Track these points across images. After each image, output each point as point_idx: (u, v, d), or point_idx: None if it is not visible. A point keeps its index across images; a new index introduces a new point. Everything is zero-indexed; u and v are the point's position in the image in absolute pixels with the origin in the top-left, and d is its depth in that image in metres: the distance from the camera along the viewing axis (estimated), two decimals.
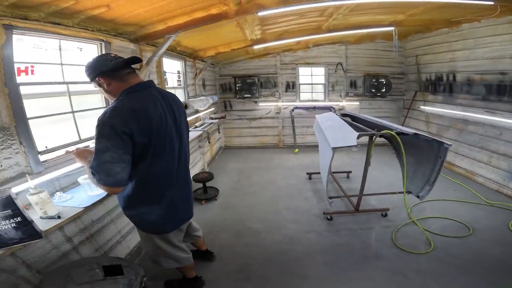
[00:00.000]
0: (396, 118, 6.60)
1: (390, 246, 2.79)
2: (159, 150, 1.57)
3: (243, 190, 4.45)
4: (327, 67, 6.56)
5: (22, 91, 1.77)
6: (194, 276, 2.28)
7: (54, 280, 1.52)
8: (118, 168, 1.37)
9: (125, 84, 1.50)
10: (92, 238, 2.29)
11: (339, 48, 6.40)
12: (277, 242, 2.98)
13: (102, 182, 1.38)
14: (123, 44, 2.81)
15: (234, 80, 6.75)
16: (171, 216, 1.81)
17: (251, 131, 7.13)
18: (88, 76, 1.50)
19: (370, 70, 6.48)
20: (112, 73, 1.47)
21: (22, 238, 1.40)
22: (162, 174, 1.65)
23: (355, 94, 6.66)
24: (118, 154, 1.36)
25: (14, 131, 1.72)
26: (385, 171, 4.90)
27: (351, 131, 2.96)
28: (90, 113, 2.51)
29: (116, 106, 1.41)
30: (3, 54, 1.59)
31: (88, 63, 1.50)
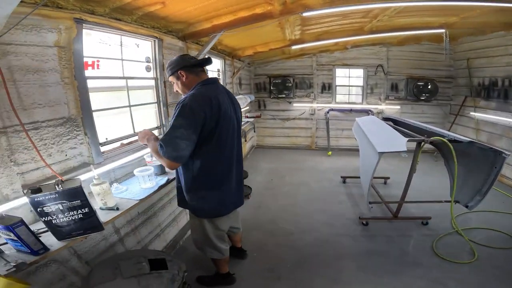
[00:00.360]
0: (441, 124, 6.17)
1: (430, 255, 2.69)
2: (223, 137, 1.77)
3: (275, 190, 4.47)
4: (366, 69, 6.35)
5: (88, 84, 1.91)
6: (227, 271, 2.34)
7: (103, 272, 1.58)
8: (183, 145, 1.56)
9: (199, 79, 1.79)
10: (136, 230, 2.42)
11: (380, 50, 6.17)
12: (309, 244, 2.96)
13: (167, 155, 1.56)
14: (172, 41, 2.96)
15: (269, 80, 6.78)
16: (228, 200, 1.97)
17: (284, 132, 7.11)
18: (171, 69, 1.78)
19: (414, 73, 6.15)
20: (191, 68, 1.77)
21: (86, 230, 1.44)
22: (225, 160, 1.84)
23: (396, 98, 6.37)
24: (187, 132, 1.56)
25: (80, 122, 1.85)
26: (425, 179, 4.64)
27: (398, 136, 2.88)
28: (141, 107, 2.67)
29: (195, 93, 1.67)
30: (74, 48, 1.74)
31: (172, 59, 1.81)
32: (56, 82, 1.67)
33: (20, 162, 1.52)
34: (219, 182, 1.88)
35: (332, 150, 6.63)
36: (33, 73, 1.54)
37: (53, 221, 1.35)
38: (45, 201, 1.29)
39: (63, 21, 1.67)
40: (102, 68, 2.10)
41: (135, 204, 1.82)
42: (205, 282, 2.37)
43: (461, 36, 5.38)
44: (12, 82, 1.45)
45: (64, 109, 1.74)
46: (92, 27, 1.94)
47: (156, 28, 2.64)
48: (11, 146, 1.48)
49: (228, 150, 1.85)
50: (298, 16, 3.36)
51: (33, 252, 1.28)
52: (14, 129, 1.48)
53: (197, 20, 2.88)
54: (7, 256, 1.26)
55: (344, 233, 3.14)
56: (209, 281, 2.36)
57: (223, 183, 1.89)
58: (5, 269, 1.18)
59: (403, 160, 5.26)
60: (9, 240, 1.28)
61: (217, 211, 1.97)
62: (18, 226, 1.21)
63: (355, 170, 5.06)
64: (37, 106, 1.57)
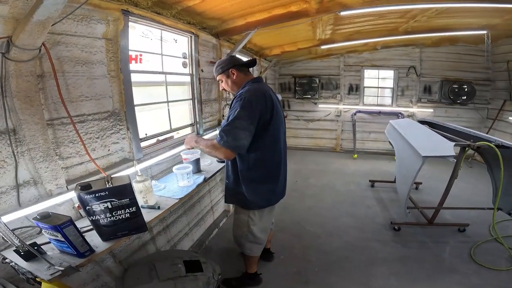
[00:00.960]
0: (476, 128, 5.74)
1: (467, 262, 2.59)
2: (276, 130, 1.83)
3: (300, 192, 4.37)
4: (397, 70, 6.11)
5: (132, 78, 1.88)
6: (255, 271, 2.32)
7: (139, 273, 1.54)
8: (243, 135, 1.62)
9: (247, 77, 1.89)
10: (167, 229, 2.38)
11: (412, 51, 5.91)
12: (338, 248, 2.88)
13: (227, 144, 1.62)
14: (207, 38, 2.92)
15: (294, 80, 6.66)
16: (276, 191, 2.00)
17: (308, 133, 6.97)
18: (221, 68, 1.87)
19: (449, 75, 5.85)
20: (241, 67, 1.88)
21: (131, 230, 1.39)
22: (278, 152, 1.90)
23: (429, 100, 6.07)
24: (247, 124, 1.63)
25: (123, 117, 1.83)
26: (459, 185, 4.40)
27: (443, 140, 2.75)
28: (173, 104, 2.63)
29: (250, 89, 1.75)
30: (120, 41, 1.71)
31: (223, 59, 1.93)
32: (102, 75, 1.64)
33: (65, 156, 1.50)
34: (272, 174, 1.93)
35: (357, 153, 6.43)
36: (82, 64, 1.52)
37: (100, 221, 1.28)
38: (94, 199, 1.22)
39: (111, 12, 1.64)
40: (144, 62, 2.07)
41: (175, 203, 1.77)
42: (232, 285, 2.32)
43: (500, 37, 5.07)
44: (61, 73, 1.43)
45: (109, 102, 1.71)
46: (136, 19, 1.92)
47: (191, 24, 2.61)
48: (57, 139, 1.46)
49: (281, 143, 1.92)
50: (333, 15, 3.26)
51: (79, 254, 1.21)
52: (61, 121, 1.46)
53: (231, 17, 2.84)
54: (50, 258, 1.19)
55: (375, 238, 3.04)
56: (236, 283, 2.33)
57: (275, 174, 1.94)
58: (49, 272, 1.11)
59: (434, 165, 5.08)
60: (53, 240, 1.21)
61: (267, 202, 2.00)
62: (66, 226, 1.14)
63: (382, 174, 4.94)
64: (84, 99, 1.55)
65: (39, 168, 1.33)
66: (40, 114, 1.31)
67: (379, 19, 3.87)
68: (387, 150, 6.18)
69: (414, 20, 3.86)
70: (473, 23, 4.15)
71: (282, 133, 1.94)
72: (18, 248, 1.10)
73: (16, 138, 1.26)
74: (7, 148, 1.23)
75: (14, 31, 1.16)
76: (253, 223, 2.02)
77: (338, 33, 4.48)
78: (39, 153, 1.32)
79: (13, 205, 1.28)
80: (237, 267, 2.51)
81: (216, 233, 3.15)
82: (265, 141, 1.77)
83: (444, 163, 4.40)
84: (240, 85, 1.86)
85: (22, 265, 1.13)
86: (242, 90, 1.79)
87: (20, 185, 1.30)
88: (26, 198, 1.33)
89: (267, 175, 1.91)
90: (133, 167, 1.76)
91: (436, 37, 5.13)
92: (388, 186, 4.44)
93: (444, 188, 3.04)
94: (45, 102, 1.37)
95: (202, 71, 2.91)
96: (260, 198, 1.94)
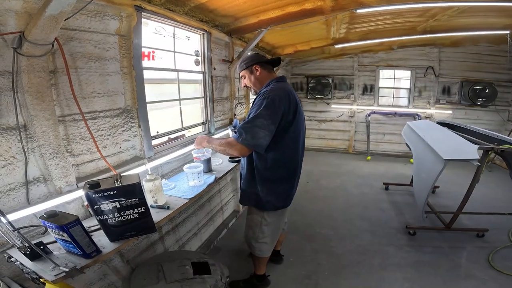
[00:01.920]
0: (497, 131, 5.50)
1: (485, 267, 2.53)
2: (297, 130, 1.79)
3: (311, 194, 4.29)
4: (414, 71, 5.92)
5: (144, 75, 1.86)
6: (264, 273, 2.29)
7: (146, 274, 1.52)
8: (262, 134, 1.58)
9: (270, 76, 1.85)
10: (176, 229, 2.36)
11: (430, 51, 5.71)
12: (349, 251, 2.81)
13: (245, 142, 1.58)
14: (219, 35, 2.89)
15: (307, 80, 6.57)
16: (292, 192, 1.97)
17: (320, 134, 6.87)
18: (246, 63, 1.85)
19: (470, 76, 5.64)
20: (265, 64, 1.85)
21: (139, 231, 1.35)
22: (297, 153, 1.87)
23: (448, 102, 5.87)
24: (267, 123, 1.58)
25: (135, 114, 1.81)
26: (480, 189, 4.23)
27: (466, 143, 2.66)
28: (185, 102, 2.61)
29: (274, 88, 1.71)
30: (133, 37, 1.69)
31: (248, 55, 1.91)
32: (115, 71, 1.63)
33: (76, 153, 1.49)
34: (290, 175, 1.89)
35: (371, 155, 6.28)
36: (95, 61, 1.50)
37: (108, 221, 1.25)
38: (103, 198, 1.19)
39: (124, 8, 1.62)
40: (156, 59, 2.04)
41: (185, 203, 1.74)
42: (240, 287, 2.30)
43: None
44: (74, 69, 1.42)
45: (121, 99, 1.69)
46: (149, 16, 1.90)
47: (204, 22, 2.59)
48: (68, 136, 1.44)
49: (300, 143, 1.88)
50: (348, 13, 3.17)
51: (85, 255, 1.18)
52: (73, 118, 1.44)
53: (243, 14, 2.79)
54: (56, 258, 1.16)
55: (388, 242, 2.95)
56: (245, 285, 2.30)
57: (292, 175, 1.91)
58: (53, 273, 1.08)
59: (452, 169, 4.87)
60: (60, 240, 1.18)
61: (282, 203, 1.96)
62: (73, 226, 1.11)
63: (397, 177, 4.81)
64: (96, 95, 1.53)
65: (49, 165, 1.31)
66: (52, 110, 1.30)
67: (396, 17, 3.74)
68: (402, 152, 6.05)
69: (434, 19, 3.72)
70: (495, 23, 3.98)
71: (303, 134, 1.92)
72: (20, 248, 1.08)
73: (26, 134, 1.25)
74: (17, 144, 1.22)
75: (26, 26, 1.14)
76: (266, 224, 1.99)
77: (353, 32, 4.37)
78: (50, 150, 1.31)
79: (22, 202, 1.26)
80: (246, 268, 2.48)
81: (225, 234, 3.12)
82: (285, 142, 1.74)
83: (462, 167, 4.22)
84: (263, 82, 1.84)
85: (27, 264, 1.11)
86: (265, 88, 1.76)
87: (29, 182, 1.28)
88: (35, 196, 1.32)
89: (285, 175, 1.88)
90: (143, 165, 1.74)
91: (455, 37, 4.95)
92: (403, 189, 4.32)
93: (461, 192, 2.96)
94: (57, 98, 1.36)
95: (215, 69, 2.88)
96: (275, 199, 1.91)
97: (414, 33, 4.46)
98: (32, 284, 1.18)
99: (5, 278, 1.18)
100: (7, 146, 1.19)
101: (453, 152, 2.49)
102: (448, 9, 3.28)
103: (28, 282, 1.18)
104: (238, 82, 3.57)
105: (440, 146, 2.65)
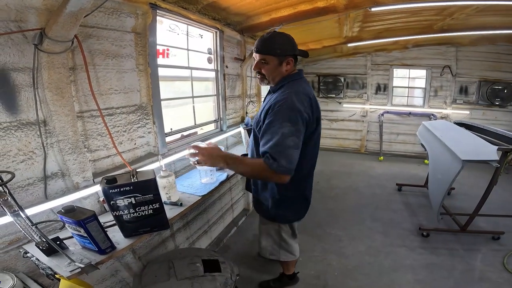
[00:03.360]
0: None
1: (499, 270, 2.48)
2: (318, 140, 1.61)
3: (322, 193, 4.24)
4: (430, 70, 5.78)
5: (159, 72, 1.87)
6: (293, 272, 2.26)
7: (157, 270, 1.52)
8: (296, 155, 1.34)
9: (294, 70, 1.56)
10: (187, 226, 2.37)
11: (447, 50, 5.55)
12: (359, 252, 2.78)
13: (281, 169, 1.30)
14: (232, 34, 2.89)
15: (318, 79, 6.49)
16: (307, 206, 1.81)
17: (331, 133, 6.78)
18: (280, 50, 1.45)
19: (488, 76, 5.46)
20: (296, 57, 1.53)
21: (153, 227, 1.35)
22: (314, 165, 1.69)
23: (465, 102, 5.70)
24: (298, 140, 1.34)
25: (150, 111, 1.83)
26: (496, 191, 4.13)
27: (485, 143, 2.58)
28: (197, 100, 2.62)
29: (296, 92, 1.42)
30: (149, 35, 1.71)
31: (284, 39, 1.48)
32: (131, 68, 1.65)
33: (93, 149, 1.51)
34: (309, 185, 1.72)
35: (384, 155, 6.18)
36: (112, 58, 1.53)
37: (123, 216, 1.26)
38: (119, 194, 1.20)
39: (140, 6, 1.64)
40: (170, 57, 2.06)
41: (198, 200, 1.74)
42: (271, 286, 2.27)
43: None
44: (92, 66, 1.44)
45: (137, 96, 1.72)
46: (164, 14, 1.92)
47: (216, 20, 2.59)
48: (86, 131, 1.47)
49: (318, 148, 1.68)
50: (362, 11, 3.11)
51: (100, 251, 1.19)
52: (91, 114, 1.47)
53: (255, 12, 2.78)
54: (72, 254, 1.17)
55: (400, 244, 2.90)
56: (274, 284, 2.27)
57: (311, 185, 1.75)
58: (68, 269, 1.09)
59: (468, 170, 4.73)
60: (76, 235, 1.19)
61: (300, 214, 1.80)
62: (90, 221, 1.12)
63: (411, 178, 4.72)
64: (113, 92, 1.55)
65: (67, 160, 1.34)
66: (71, 105, 1.32)
67: (412, 16, 3.65)
68: (416, 153, 5.92)
69: (451, 18, 3.60)
70: None
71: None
72: (38, 243, 1.10)
73: (46, 130, 1.27)
74: (37, 139, 1.24)
75: (47, 22, 1.16)
76: (285, 235, 1.87)
77: (366, 30, 4.29)
78: (68, 145, 1.33)
79: (40, 197, 1.29)
80: (254, 267, 2.49)
81: (234, 232, 3.13)
82: (307, 151, 1.50)
83: (478, 168, 4.11)
84: (284, 78, 1.52)
85: (43, 260, 1.13)
86: (284, 89, 1.46)
87: (48, 177, 1.31)
88: (53, 191, 1.35)
89: (307, 187, 1.71)
90: (157, 161, 1.75)
91: (474, 35, 4.79)
92: (416, 190, 4.23)
93: (477, 194, 2.89)
94: (76, 94, 1.38)
95: (227, 67, 2.88)
96: (293, 214, 1.75)
97: (431, 32, 4.34)
98: (46, 280, 1.20)
99: (20, 273, 1.19)
100: (26, 141, 1.21)
101: (471, 153, 2.42)
102: (466, 8, 3.18)
103: (43, 278, 1.20)
104: (250, 80, 3.57)
105: (457, 146, 2.58)
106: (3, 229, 1.18)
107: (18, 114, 1.18)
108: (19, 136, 1.19)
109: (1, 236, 1.18)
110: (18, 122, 1.18)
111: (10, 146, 1.16)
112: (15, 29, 1.12)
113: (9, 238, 1.21)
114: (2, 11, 1.08)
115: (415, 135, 3.95)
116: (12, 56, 1.13)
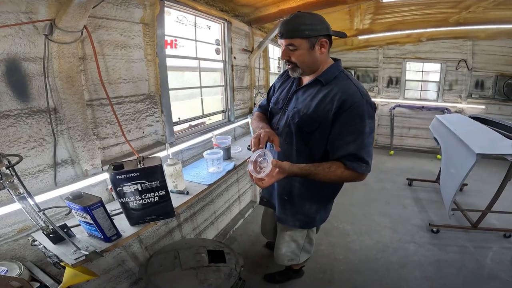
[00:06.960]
0: None
1: (510, 269, 2.44)
2: None
3: None
4: (445, 64, 5.61)
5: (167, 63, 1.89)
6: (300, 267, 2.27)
7: (163, 260, 1.55)
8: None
9: (328, 57, 1.34)
10: (194, 216, 2.40)
11: (463, 44, 5.37)
12: (367, 247, 2.76)
13: (369, 168, 1.24)
14: (240, 25, 2.87)
15: None
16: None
17: None
18: (312, 29, 1.19)
19: (505, 70, 5.26)
20: (331, 38, 1.28)
21: (159, 215, 1.36)
22: None
23: (481, 96, 5.53)
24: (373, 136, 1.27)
25: (158, 100, 1.86)
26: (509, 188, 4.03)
27: (500, 137, 2.52)
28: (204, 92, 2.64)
29: (359, 85, 1.27)
30: (157, 25, 1.73)
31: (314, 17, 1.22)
32: (140, 58, 1.67)
33: (102, 136, 1.55)
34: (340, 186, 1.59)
35: (394, 149, 6.08)
36: (121, 48, 1.55)
37: (129, 203, 1.28)
38: (125, 180, 1.22)
39: None
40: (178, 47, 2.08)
41: (204, 189, 1.76)
42: (276, 279, 2.27)
43: None
44: (102, 56, 1.47)
45: (145, 85, 1.74)
46: (171, 5, 1.93)
47: (224, 11, 2.58)
48: (96, 119, 1.50)
49: None
50: (373, 3, 3.03)
51: (106, 239, 1.20)
52: (100, 102, 1.50)
53: (264, 3, 2.74)
54: (78, 242, 1.19)
55: (409, 239, 2.87)
56: (281, 278, 2.27)
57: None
58: (73, 257, 1.10)
59: (482, 166, 4.59)
60: (83, 223, 1.21)
61: (326, 215, 1.71)
62: (96, 207, 1.13)
63: (422, 173, 4.65)
64: (122, 81, 1.58)
65: (77, 147, 1.37)
66: (81, 94, 1.36)
67: (426, 8, 3.53)
68: (429, 147, 5.82)
69: (468, 11, 3.48)
70: None
71: None
72: (42, 229, 1.11)
73: (56, 117, 1.31)
74: (47, 126, 1.28)
75: (57, 13, 1.19)
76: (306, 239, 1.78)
77: (378, 22, 4.19)
78: (78, 132, 1.37)
79: (50, 184, 1.33)
80: (260, 259, 2.51)
81: (241, 224, 3.15)
82: None
83: (492, 164, 4.05)
84: (319, 65, 1.30)
85: (50, 248, 1.14)
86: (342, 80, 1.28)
87: (57, 164, 1.35)
88: (63, 178, 1.38)
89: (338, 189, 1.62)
90: (165, 150, 1.77)
91: (491, 29, 4.61)
92: (428, 185, 4.15)
93: (490, 191, 2.84)
94: (85, 83, 1.41)
95: (235, 58, 2.88)
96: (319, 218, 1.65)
97: (446, 25, 4.20)
98: (54, 269, 1.23)
99: (28, 262, 1.23)
100: (37, 128, 1.25)
101: (486, 147, 2.35)
102: (483, 1, 3.08)
103: (50, 267, 1.23)
104: (259, 72, 3.55)
105: (472, 140, 2.52)
106: (13, 216, 1.21)
107: (29, 102, 1.21)
108: (30, 123, 1.22)
109: (10, 224, 1.22)
110: (29, 109, 1.21)
111: (21, 132, 1.20)
112: (26, 20, 1.14)
113: (18, 226, 1.24)
114: (13, 3, 1.10)
115: (428, 129, 3.86)
116: (23, 46, 1.16)
